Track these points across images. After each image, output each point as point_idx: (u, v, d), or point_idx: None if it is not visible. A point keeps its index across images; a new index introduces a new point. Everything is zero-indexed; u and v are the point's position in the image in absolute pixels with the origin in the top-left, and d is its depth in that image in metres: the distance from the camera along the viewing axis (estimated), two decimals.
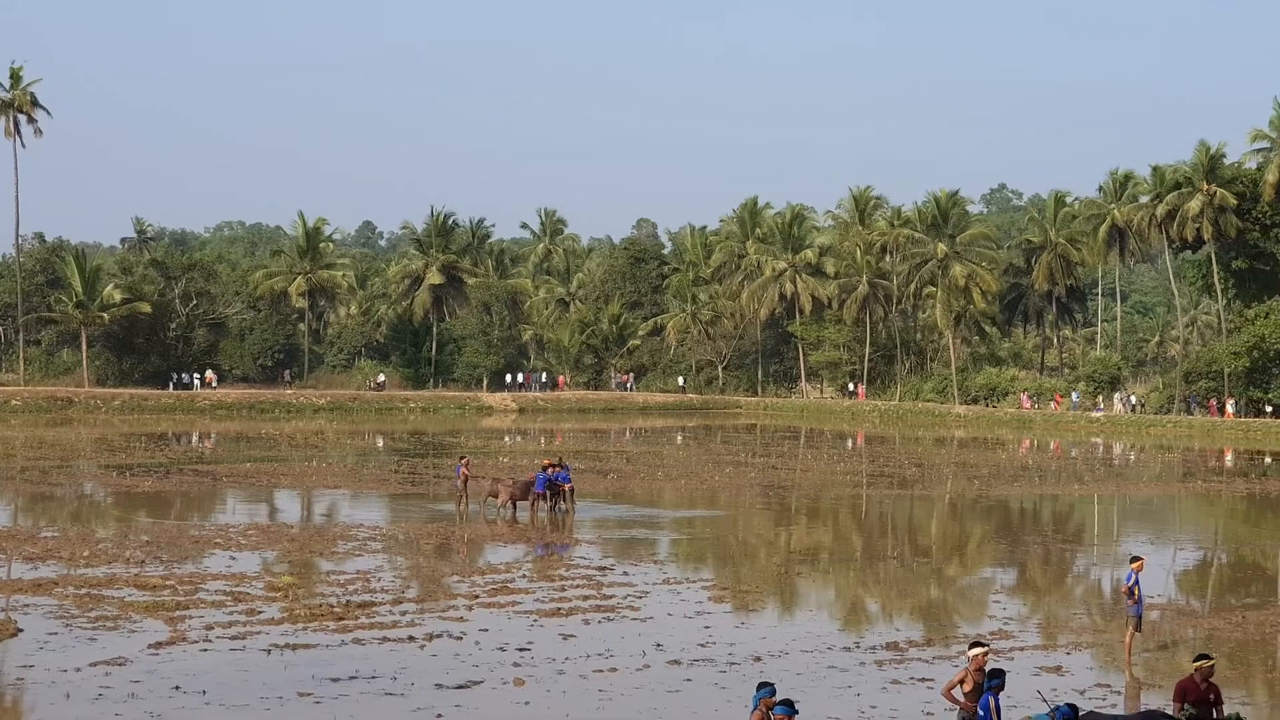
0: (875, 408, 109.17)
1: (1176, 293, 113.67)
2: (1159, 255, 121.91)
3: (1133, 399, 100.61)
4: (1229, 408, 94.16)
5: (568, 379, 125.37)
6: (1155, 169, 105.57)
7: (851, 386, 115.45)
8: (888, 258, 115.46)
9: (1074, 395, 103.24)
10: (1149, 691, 20.59)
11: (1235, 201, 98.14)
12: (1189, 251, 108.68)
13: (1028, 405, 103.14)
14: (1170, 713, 15.58)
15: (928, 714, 19.00)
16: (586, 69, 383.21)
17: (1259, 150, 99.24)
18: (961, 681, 15.98)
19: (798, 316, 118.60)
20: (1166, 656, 23.02)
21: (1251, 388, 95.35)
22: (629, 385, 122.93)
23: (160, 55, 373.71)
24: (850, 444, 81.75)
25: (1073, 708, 15.01)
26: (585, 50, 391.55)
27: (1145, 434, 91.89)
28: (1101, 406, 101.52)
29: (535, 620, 24.80)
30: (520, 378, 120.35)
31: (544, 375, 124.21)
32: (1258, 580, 32.81)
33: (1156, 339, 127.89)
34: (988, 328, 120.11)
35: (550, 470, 41.31)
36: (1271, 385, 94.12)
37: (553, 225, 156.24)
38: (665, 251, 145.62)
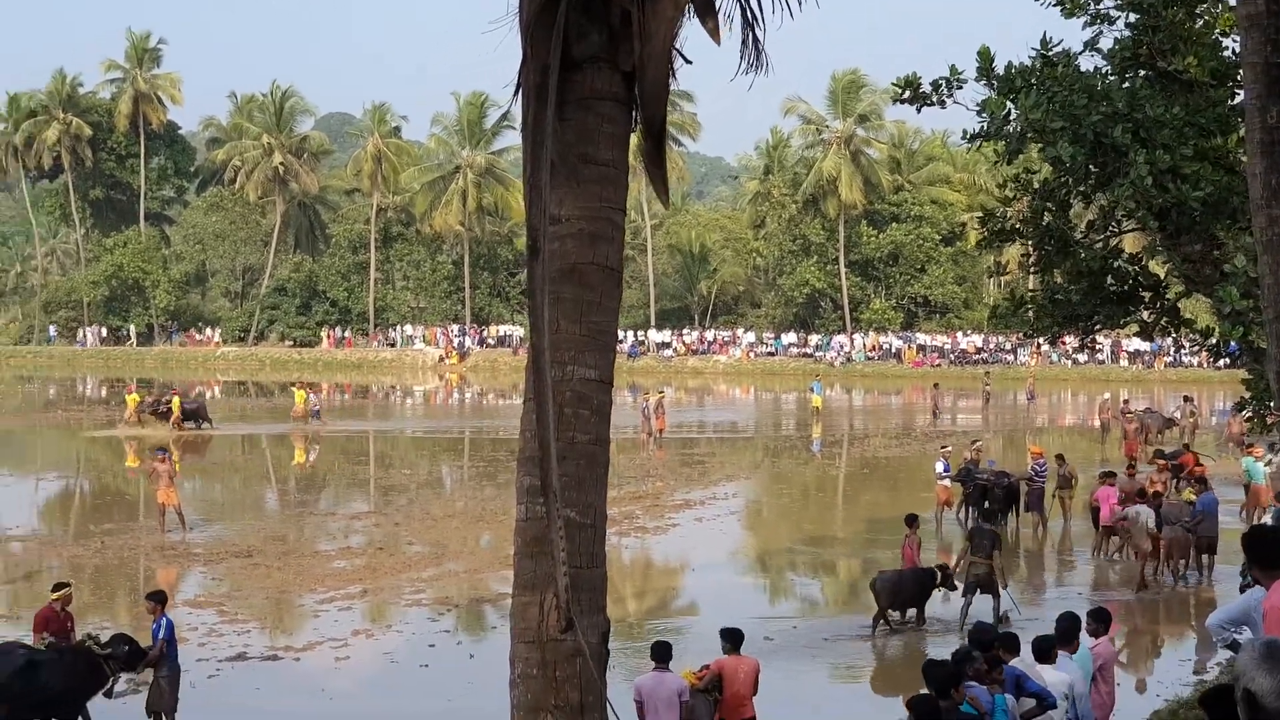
0: None
1: (35, 222, 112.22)
2: (17, 184, 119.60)
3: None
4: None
5: None
6: (12, 96, 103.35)
7: None
8: None
9: None
10: (9, 623, 20.57)
11: (91, 131, 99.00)
12: (47, 180, 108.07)
13: None
14: (30, 643, 15.71)
15: None
16: None
17: (113, 80, 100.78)
18: None
19: None
20: (28, 587, 23.11)
21: (111, 316, 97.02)
22: None
23: None
24: None
25: None
26: None
27: (6, 365, 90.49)
28: None
29: None
30: None
31: None
32: (118, 506, 33.74)
33: (17, 269, 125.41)
34: None
35: None
36: (131, 313, 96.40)
37: None
38: None
